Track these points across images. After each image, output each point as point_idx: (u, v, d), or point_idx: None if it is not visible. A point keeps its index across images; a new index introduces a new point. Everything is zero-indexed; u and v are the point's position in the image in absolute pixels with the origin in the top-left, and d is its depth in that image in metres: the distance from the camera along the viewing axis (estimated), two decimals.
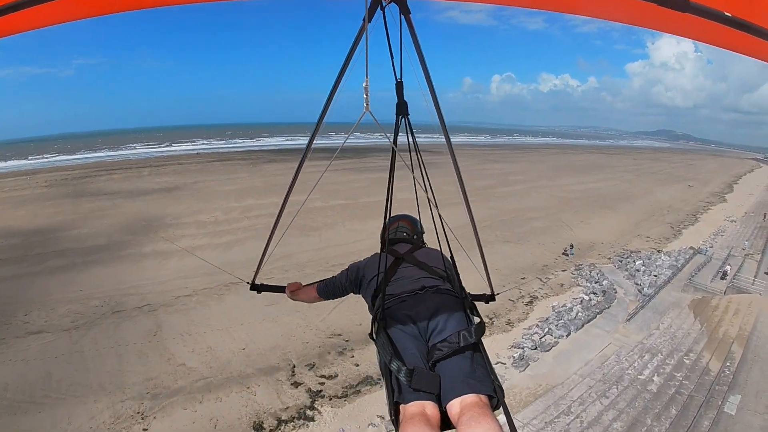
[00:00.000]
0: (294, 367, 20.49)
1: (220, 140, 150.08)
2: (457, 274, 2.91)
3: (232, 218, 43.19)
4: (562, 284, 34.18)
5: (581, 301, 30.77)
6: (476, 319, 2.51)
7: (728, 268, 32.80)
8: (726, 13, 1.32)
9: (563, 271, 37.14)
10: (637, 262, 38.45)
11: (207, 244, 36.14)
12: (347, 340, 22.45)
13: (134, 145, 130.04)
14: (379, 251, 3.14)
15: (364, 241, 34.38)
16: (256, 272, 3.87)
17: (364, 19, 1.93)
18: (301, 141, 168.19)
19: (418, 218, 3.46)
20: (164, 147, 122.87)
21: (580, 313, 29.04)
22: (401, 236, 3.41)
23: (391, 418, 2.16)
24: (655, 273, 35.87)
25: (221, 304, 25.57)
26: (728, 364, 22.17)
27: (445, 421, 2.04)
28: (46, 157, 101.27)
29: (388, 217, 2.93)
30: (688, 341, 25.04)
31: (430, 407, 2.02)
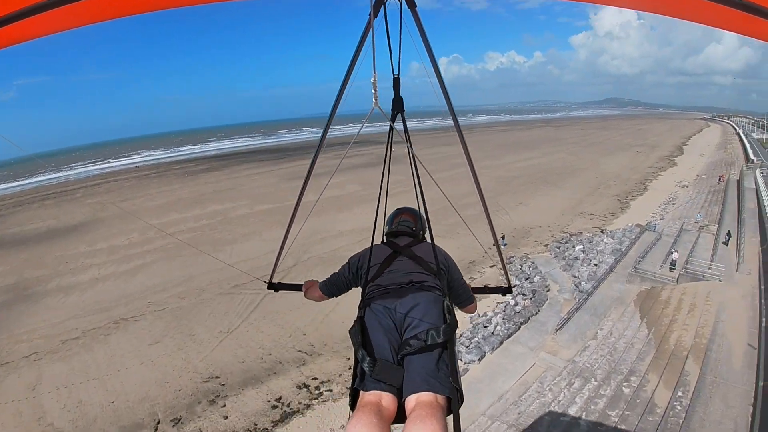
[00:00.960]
0: (158, 423, 17.85)
1: (163, 150, 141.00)
2: (458, 275, 3.06)
3: (146, 239, 39.07)
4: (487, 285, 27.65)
5: (504, 307, 24.44)
6: (449, 319, 2.42)
7: (676, 255, 26.67)
8: None
9: (491, 267, 30.78)
10: (576, 248, 32.53)
11: (112, 273, 32.55)
12: (223, 384, 19.44)
13: (76, 164, 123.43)
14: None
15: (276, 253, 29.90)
16: (273, 271, 3.80)
17: (369, 15, 1.98)
18: (250, 141, 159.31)
19: (419, 212, 3.37)
20: (104, 163, 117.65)
21: (499, 326, 22.62)
22: (403, 229, 3.33)
23: (349, 402, 2.20)
24: (596, 261, 29.89)
25: (105, 347, 22.80)
26: (680, 394, 15.98)
27: (402, 415, 2.02)
28: None
29: (384, 208, 2.97)
30: (630, 357, 18.85)
31: (387, 398, 2.03)
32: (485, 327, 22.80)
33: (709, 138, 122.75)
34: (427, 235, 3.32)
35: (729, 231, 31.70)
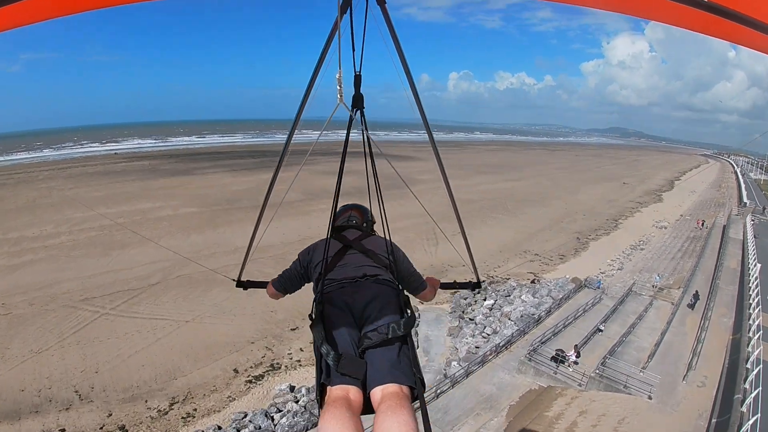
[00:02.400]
0: None
1: (152, 139, 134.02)
2: (407, 265, 2.93)
3: (56, 233, 36.17)
4: None
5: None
6: (408, 312, 2.47)
7: (572, 356, 17.31)
8: None
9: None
10: (485, 303, 23.91)
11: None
12: None
13: (64, 144, 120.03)
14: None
15: (157, 264, 28.95)
16: (241, 269, 3.67)
17: (338, 8, 1.86)
18: (240, 140, 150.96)
19: (370, 208, 3.26)
20: (88, 147, 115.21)
21: None
22: (351, 224, 3.21)
23: (316, 398, 2.16)
24: (492, 329, 21.27)
25: None
26: None
27: (368, 406, 2.04)
28: None
29: (336, 206, 2.82)
30: None
31: (353, 392, 2.02)
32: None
33: (705, 175, 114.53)
34: (377, 229, 3.22)
35: (697, 292, 23.79)
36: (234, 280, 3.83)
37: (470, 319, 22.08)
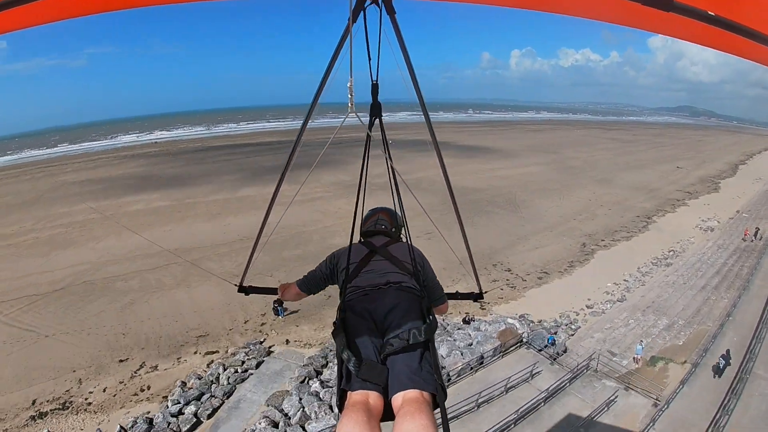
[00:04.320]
0: None
1: (203, 127, 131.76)
2: (432, 275, 2.94)
3: (29, 229, 34.37)
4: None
5: None
6: (430, 318, 2.47)
7: None
8: (709, 12, 1.35)
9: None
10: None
11: None
12: None
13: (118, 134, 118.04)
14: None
15: (76, 268, 26.83)
16: (244, 273, 3.62)
17: (348, 19, 1.94)
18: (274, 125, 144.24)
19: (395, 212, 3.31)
20: (132, 135, 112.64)
21: None
22: (379, 229, 3.26)
23: (337, 402, 2.20)
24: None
25: None
26: None
27: (389, 413, 2.05)
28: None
29: (361, 209, 3.00)
30: None
31: (374, 397, 2.04)
32: None
33: None
34: (403, 235, 3.20)
35: (728, 351, 16.51)
36: (236, 285, 3.70)
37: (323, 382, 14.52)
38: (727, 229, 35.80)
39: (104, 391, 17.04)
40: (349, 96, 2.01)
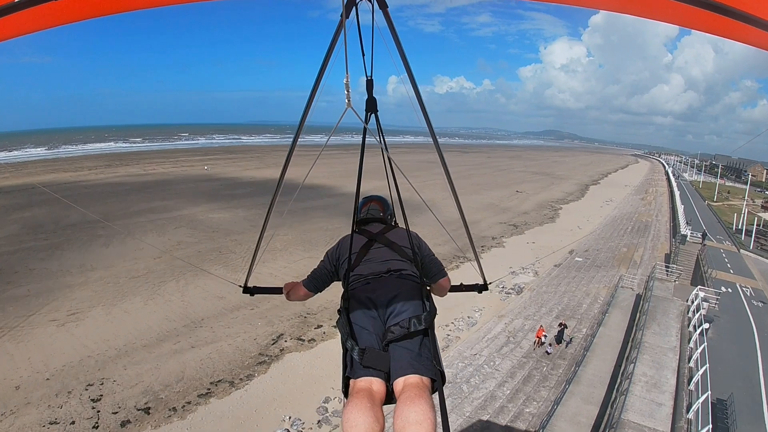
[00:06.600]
0: None
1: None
2: (428, 252, 2.99)
3: None
4: None
5: None
6: (429, 306, 2.51)
7: None
8: None
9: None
10: None
11: None
12: None
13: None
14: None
15: None
16: (248, 274, 3.48)
17: (341, 15, 1.89)
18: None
19: (390, 203, 3.39)
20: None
21: None
22: (372, 216, 3.29)
23: (342, 389, 2.28)
24: None
25: None
26: None
27: (391, 396, 2.14)
28: None
29: (357, 204, 3.11)
30: None
31: (377, 384, 2.12)
32: None
33: (630, 176, 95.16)
34: (399, 220, 3.23)
35: None
36: (241, 286, 3.56)
37: None
38: (542, 291, 21.04)
39: None
40: (346, 92, 2.00)
